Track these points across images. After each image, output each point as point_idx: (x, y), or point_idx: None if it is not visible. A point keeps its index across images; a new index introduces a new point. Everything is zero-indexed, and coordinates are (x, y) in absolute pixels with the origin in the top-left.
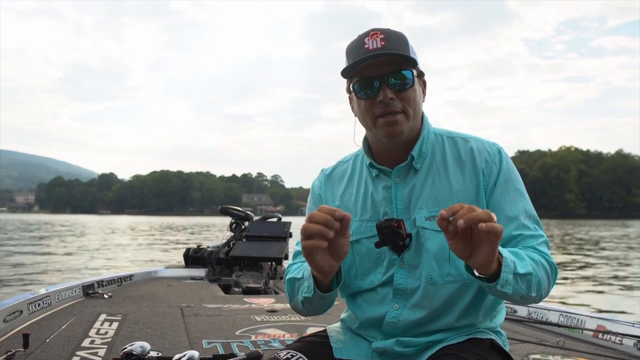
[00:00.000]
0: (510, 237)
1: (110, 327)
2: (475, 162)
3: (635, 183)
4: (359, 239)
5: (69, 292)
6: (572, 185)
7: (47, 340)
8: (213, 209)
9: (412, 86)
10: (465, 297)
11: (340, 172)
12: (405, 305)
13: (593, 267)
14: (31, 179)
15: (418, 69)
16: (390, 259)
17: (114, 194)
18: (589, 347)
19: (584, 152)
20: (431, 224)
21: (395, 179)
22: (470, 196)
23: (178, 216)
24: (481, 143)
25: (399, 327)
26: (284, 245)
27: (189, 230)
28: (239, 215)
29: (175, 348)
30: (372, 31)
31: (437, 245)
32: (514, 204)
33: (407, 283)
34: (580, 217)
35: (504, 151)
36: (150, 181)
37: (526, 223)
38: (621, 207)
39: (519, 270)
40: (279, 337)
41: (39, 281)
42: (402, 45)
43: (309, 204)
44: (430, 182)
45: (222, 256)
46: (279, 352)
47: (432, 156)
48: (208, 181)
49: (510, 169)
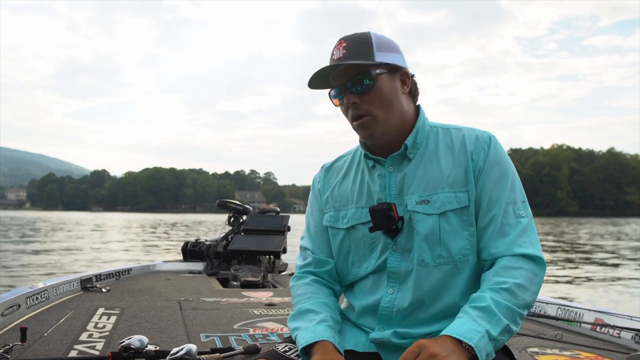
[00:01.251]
0: (490, 220)
1: (108, 320)
2: (466, 148)
3: (627, 181)
4: (354, 224)
5: (67, 286)
6: (564, 183)
7: (45, 334)
8: (206, 206)
9: (374, 87)
10: (458, 280)
11: (340, 165)
12: (400, 289)
13: (588, 263)
14: (23, 175)
15: (387, 66)
16: (384, 243)
17: (106, 190)
18: (587, 340)
19: (575, 151)
20: (422, 208)
21: (389, 167)
22: (460, 180)
23: (170, 213)
24: (473, 131)
25: (394, 312)
26: (282, 239)
27: (182, 226)
28: (237, 209)
29: (173, 342)
30: (339, 40)
31: (427, 227)
32: (497, 189)
33: (400, 266)
34: (572, 215)
35: (495, 139)
36: (142, 178)
37: (508, 209)
38: (612, 205)
39: (493, 334)
40: (277, 330)
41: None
42: (362, 48)
43: (310, 198)
44: (422, 169)
45: (220, 250)
46: (277, 345)
47: (426, 146)
48: (201, 178)
49: (499, 155)
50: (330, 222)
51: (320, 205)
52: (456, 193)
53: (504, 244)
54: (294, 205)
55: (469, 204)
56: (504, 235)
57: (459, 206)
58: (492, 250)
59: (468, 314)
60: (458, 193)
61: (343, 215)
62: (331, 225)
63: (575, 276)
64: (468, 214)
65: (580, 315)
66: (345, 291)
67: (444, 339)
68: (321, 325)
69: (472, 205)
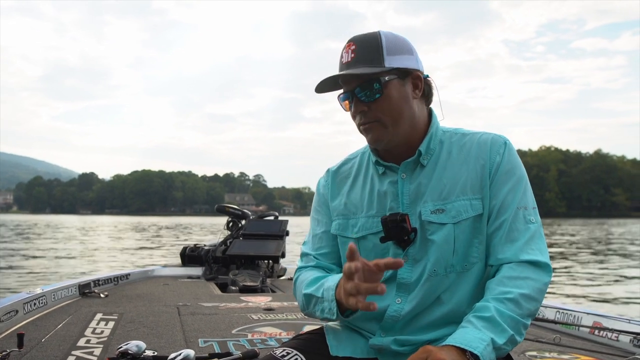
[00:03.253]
0: (500, 225)
1: (106, 326)
2: (480, 153)
3: (613, 182)
4: (365, 235)
5: (65, 291)
6: (552, 184)
7: (43, 340)
8: (195, 209)
9: (383, 95)
10: (463, 286)
11: (347, 170)
12: (408, 299)
13: (585, 265)
14: (10, 178)
15: (398, 70)
16: (395, 253)
17: (95, 194)
18: (585, 343)
19: (563, 152)
20: (436, 217)
21: (402, 174)
22: (475, 187)
23: (160, 216)
24: (488, 135)
25: (399, 320)
26: (281, 244)
27: (173, 230)
28: (235, 213)
29: (171, 347)
30: (349, 42)
31: (442, 237)
32: (510, 194)
33: (411, 277)
34: (560, 216)
35: (510, 143)
36: (131, 181)
37: (518, 214)
38: (599, 206)
39: (498, 343)
40: (276, 335)
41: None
42: (371, 53)
43: (314, 203)
44: (437, 177)
45: (219, 255)
46: (275, 350)
47: (439, 152)
48: (190, 181)
49: (513, 160)
50: (339, 230)
51: (327, 212)
52: (471, 200)
53: (512, 249)
54: (284, 208)
55: (484, 211)
56: (512, 241)
57: (475, 214)
58: (499, 256)
59: (472, 323)
60: (473, 200)
61: (353, 224)
62: (340, 234)
63: (574, 278)
64: (481, 221)
65: (578, 318)
66: None
67: (449, 348)
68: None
69: (486, 212)
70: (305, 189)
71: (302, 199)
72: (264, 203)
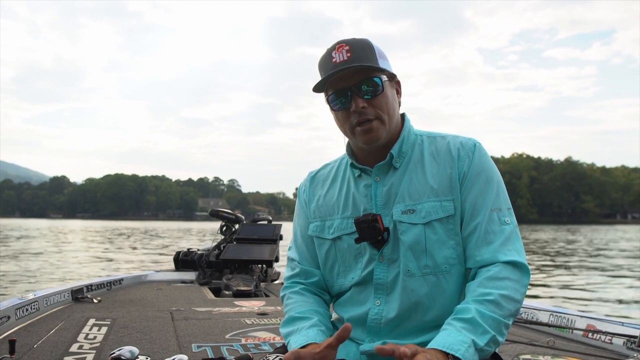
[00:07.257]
0: (474, 228)
1: (99, 331)
2: (450, 155)
3: (583, 189)
4: (340, 235)
5: (57, 297)
6: (524, 191)
7: (35, 346)
8: (168, 214)
9: (383, 92)
10: (445, 290)
11: (325, 174)
12: (387, 300)
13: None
14: None
15: (388, 72)
16: (371, 254)
17: (66, 197)
18: (579, 346)
19: (535, 159)
20: (407, 217)
21: (375, 177)
22: (445, 189)
23: (132, 220)
24: (457, 138)
25: (382, 324)
26: (275, 248)
27: (144, 235)
28: (229, 218)
29: (164, 352)
30: (338, 44)
31: (412, 237)
32: (482, 196)
33: (387, 277)
34: (532, 223)
35: (480, 145)
36: (103, 185)
37: (492, 216)
38: (570, 213)
39: (480, 344)
40: (269, 340)
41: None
42: (367, 53)
43: (296, 208)
44: (408, 179)
45: (212, 259)
46: (268, 356)
47: (411, 155)
48: (163, 185)
49: (484, 162)
50: (316, 232)
51: (307, 215)
52: (442, 202)
53: (489, 251)
54: (258, 213)
55: (455, 212)
56: (488, 243)
57: (445, 215)
58: (477, 258)
59: (453, 325)
60: (444, 202)
61: (329, 225)
62: (317, 235)
63: (565, 282)
64: (454, 222)
65: (572, 321)
66: (334, 304)
67: (432, 352)
68: (313, 330)
69: (457, 214)
70: (280, 194)
71: (277, 204)
72: (238, 208)
